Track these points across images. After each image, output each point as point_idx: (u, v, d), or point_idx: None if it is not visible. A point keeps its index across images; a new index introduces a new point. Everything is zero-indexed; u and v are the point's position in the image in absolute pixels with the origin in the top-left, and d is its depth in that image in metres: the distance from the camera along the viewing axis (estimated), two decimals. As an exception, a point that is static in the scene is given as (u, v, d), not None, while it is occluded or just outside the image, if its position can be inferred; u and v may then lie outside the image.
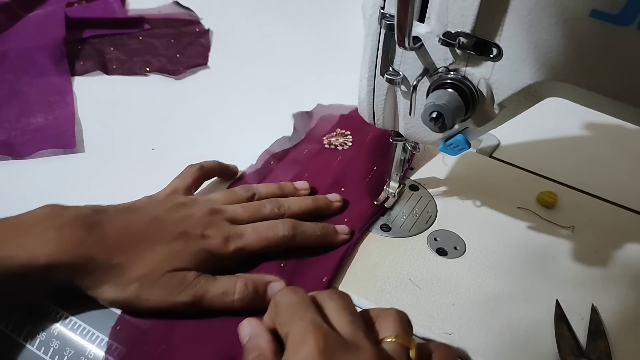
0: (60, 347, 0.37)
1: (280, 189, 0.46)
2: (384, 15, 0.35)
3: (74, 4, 0.73)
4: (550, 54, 0.31)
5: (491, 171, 0.52)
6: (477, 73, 0.34)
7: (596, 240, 0.45)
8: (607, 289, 0.42)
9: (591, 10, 0.28)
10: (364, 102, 0.40)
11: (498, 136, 0.55)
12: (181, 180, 0.44)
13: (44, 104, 0.57)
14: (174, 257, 0.37)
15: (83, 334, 0.37)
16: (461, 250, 0.44)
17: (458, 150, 0.38)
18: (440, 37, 0.33)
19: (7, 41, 0.64)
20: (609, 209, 0.48)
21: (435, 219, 0.46)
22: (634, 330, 0.39)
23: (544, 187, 0.49)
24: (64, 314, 0.38)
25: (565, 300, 0.40)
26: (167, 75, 0.63)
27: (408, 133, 0.41)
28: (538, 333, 0.38)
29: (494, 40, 0.32)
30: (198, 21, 0.73)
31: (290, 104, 0.59)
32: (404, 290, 0.40)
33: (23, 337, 0.38)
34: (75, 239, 0.35)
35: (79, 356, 0.37)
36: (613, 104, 0.31)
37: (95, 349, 0.37)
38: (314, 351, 0.28)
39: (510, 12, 0.31)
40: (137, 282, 0.36)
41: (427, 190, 0.49)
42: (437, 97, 0.34)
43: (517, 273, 0.42)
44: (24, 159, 0.51)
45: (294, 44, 0.70)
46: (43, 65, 0.61)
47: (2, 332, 0.39)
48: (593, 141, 0.56)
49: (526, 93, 0.34)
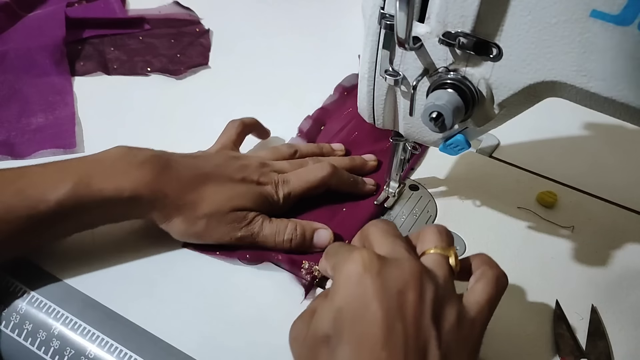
0: (60, 346, 0.37)
1: (319, 149, 0.51)
2: (384, 15, 0.35)
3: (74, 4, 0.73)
4: (550, 54, 0.31)
5: (491, 171, 0.52)
6: (477, 73, 0.34)
7: (596, 240, 0.45)
8: (607, 289, 0.42)
9: (591, 10, 0.28)
10: (364, 102, 0.40)
11: (498, 136, 0.55)
12: (227, 136, 0.49)
13: (44, 104, 0.57)
14: (237, 197, 0.41)
15: (83, 333, 0.37)
16: (461, 250, 0.44)
17: (458, 150, 0.38)
18: (440, 37, 0.33)
19: (7, 41, 0.64)
20: (609, 209, 0.48)
21: (435, 219, 0.46)
22: (634, 330, 0.39)
23: (544, 187, 0.49)
24: (64, 313, 0.38)
25: (565, 300, 0.40)
26: (168, 75, 0.63)
27: (408, 133, 0.41)
28: (538, 333, 0.38)
29: (494, 40, 0.32)
30: (198, 21, 0.73)
31: (291, 103, 0.59)
32: (404, 290, 0.40)
33: (23, 337, 0.38)
34: (153, 176, 0.39)
35: (79, 356, 0.37)
36: (613, 104, 0.31)
37: (95, 348, 0.37)
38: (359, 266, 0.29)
39: (510, 12, 0.31)
40: (206, 218, 0.40)
41: (427, 190, 0.49)
42: (437, 97, 0.34)
43: (517, 273, 0.42)
44: (24, 159, 0.51)
45: (294, 44, 0.70)
46: (43, 65, 0.61)
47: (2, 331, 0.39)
48: (593, 141, 0.56)
49: (526, 93, 0.34)
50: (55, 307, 0.39)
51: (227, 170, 0.43)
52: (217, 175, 0.42)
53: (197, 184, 0.41)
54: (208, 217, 0.40)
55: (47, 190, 0.37)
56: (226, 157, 0.45)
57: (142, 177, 0.39)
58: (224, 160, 0.44)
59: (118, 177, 0.38)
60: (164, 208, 0.40)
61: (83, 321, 0.38)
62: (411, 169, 0.51)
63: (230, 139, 0.48)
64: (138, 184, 0.39)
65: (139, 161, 0.40)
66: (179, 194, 0.40)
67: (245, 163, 0.44)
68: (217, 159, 0.44)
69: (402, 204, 0.48)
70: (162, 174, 0.40)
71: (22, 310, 0.39)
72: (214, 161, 0.44)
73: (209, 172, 0.42)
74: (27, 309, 0.39)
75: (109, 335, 0.37)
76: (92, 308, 0.39)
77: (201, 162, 0.43)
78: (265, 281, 0.41)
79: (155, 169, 0.40)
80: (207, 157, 0.45)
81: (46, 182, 0.37)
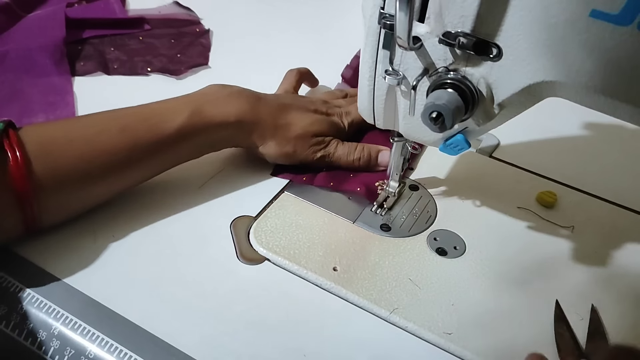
0: (60, 346, 0.37)
1: None
2: (384, 15, 0.35)
3: (74, 4, 0.73)
4: (550, 54, 0.31)
5: (491, 171, 0.52)
6: (477, 73, 0.34)
7: (596, 240, 0.45)
8: (607, 289, 0.42)
9: (591, 10, 0.28)
10: (364, 102, 0.40)
11: (498, 136, 0.55)
12: (288, 82, 0.56)
13: (44, 104, 0.57)
14: (316, 124, 0.49)
15: (83, 333, 0.37)
16: (461, 250, 0.44)
17: (458, 150, 0.38)
18: (440, 37, 0.33)
19: (7, 41, 0.64)
20: (609, 209, 0.48)
21: (435, 219, 0.46)
22: (634, 330, 0.39)
23: (544, 187, 0.49)
24: (64, 313, 0.38)
25: (565, 301, 0.40)
26: (168, 75, 0.63)
27: (408, 133, 0.41)
28: (538, 333, 0.38)
29: (494, 40, 0.32)
30: (198, 21, 0.73)
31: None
32: (404, 290, 0.40)
33: (23, 337, 0.38)
34: (250, 105, 0.47)
35: (79, 356, 0.37)
36: (613, 104, 0.31)
37: (95, 348, 0.37)
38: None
39: (510, 12, 0.31)
40: (294, 140, 0.48)
41: (427, 190, 0.49)
42: (437, 97, 0.34)
43: (516, 273, 0.42)
44: (24, 159, 0.51)
45: (294, 44, 0.70)
46: (43, 65, 0.61)
47: (2, 331, 0.39)
48: (593, 141, 0.56)
49: (526, 93, 0.34)
50: (55, 307, 0.39)
51: (302, 103, 0.51)
52: (297, 106, 0.50)
53: (284, 112, 0.48)
54: (296, 139, 0.48)
55: (168, 119, 0.44)
56: (294, 96, 0.54)
57: (242, 105, 0.46)
58: (293, 97, 0.53)
59: (223, 106, 0.46)
60: (261, 131, 0.47)
61: (83, 321, 0.38)
62: (410, 168, 0.51)
63: (291, 84, 0.56)
64: (240, 111, 0.46)
65: (237, 93, 0.47)
66: (273, 119, 0.47)
67: (312, 99, 0.53)
68: (289, 96, 0.53)
69: (402, 204, 0.48)
70: (257, 104, 0.47)
71: (22, 310, 0.39)
72: (289, 97, 0.53)
73: (290, 104, 0.50)
74: (27, 309, 0.39)
75: (109, 335, 0.37)
76: (92, 308, 0.39)
77: (281, 98, 0.51)
78: (266, 281, 0.41)
79: (251, 99, 0.47)
80: (281, 95, 0.54)
81: (168, 113, 0.44)
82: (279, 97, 0.51)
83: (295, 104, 0.50)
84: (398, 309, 0.39)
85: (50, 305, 0.39)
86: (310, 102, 0.52)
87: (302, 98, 0.54)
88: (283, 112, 0.48)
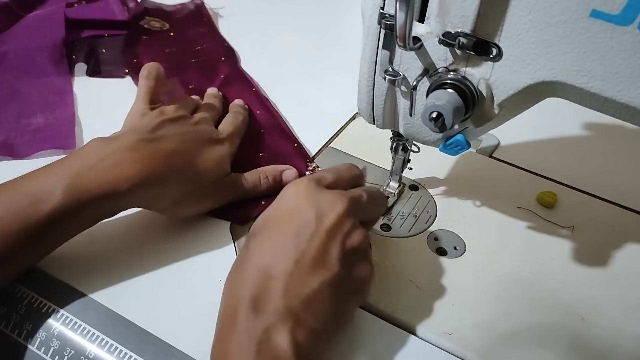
0: (60, 347, 0.37)
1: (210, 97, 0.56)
2: (384, 15, 0.35)
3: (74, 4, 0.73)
4: (550, 54, 0.31)
5: (491, 171, 0.52)
6: (477, 73, 0.34)
7: (596, 240, 0.45)
8: (608, 289, 0.42)
9: (591, 10, 0.28)
10: (364, 102, 0.40)
11: (498, 136, 0.55)
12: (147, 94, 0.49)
13: (43, 104, 0.57)
14: (223, 163, 0.44)
15: (83, 333, 0.37)
16: (461, 250, 0.44)
17: (458, 150, 0.38)
18: (440, 37, 0.33)
19: (7, 41, 0.64)
20: (609, 209, 0.48)
21: (435, 219, 0.46)
22: (634, 330, 0.39)
23: (544, 187, 0.49)
24: (64, 313, 0.38)
25: (565, 301, 0.40)
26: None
27: (408, 133, 0.41)
28: (538, 333, 0.38)
29: (494, 40, 0.32)
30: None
31: (290, 103, 0.59)
32: (404, 290, 0.40)
33: (23, 337, 0.38)
34: (145, 163, 0.39)
35: (79, 356, 0.37)
36: (613, 104, 0.31)
37: (95, 348, 0.37)
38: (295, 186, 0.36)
39: (510, 12, 0.31)
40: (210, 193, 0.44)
41: (427, 190, 0.49)
42: (437, 97, 0.34)
43: (517, 273, 0.42)
44: (23, 159, 0.51)
45: (294, 44, 0.70)
46: (43, 65, 0.61)
47: (2, 331, 0.39)
48: (593, 141, 0.56)
49: (526, 93, 0.34)
50: (55, 307, 0.39)
51: (199, 134, 0.45)
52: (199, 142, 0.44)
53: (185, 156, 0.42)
54: (209, 191, 0.43)
55: (38, 200, 0.36)
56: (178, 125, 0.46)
57: (135, 166, 0.38)
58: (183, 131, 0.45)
59: (109, 172, 0.38)
60: (167, 192, 0.41)
61: (83, 321, 0.38)
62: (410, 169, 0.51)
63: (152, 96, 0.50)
64: (134, 174, 0.38)
65: (125, 149, 0.39)
66: (177, 176, 0.41)
67: (195, 120, 0.47)
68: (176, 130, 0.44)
69: (402, 203, 0.48)
70: (153, 157, 0.40)
71: (21, 310, 0.39)
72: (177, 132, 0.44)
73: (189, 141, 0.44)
74: (27, 309, 0.39)
75: (109, 335, 0.37)
76: (92, 308, 0.39)
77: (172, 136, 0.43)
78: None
79: (143, 155, 0.39)
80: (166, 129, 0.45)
81: (38, 193, 0.36)
82: (172, 137, 0.42)
83: (195, 139, 0.43)
84: (398, 309, 0.39)
85: (50, 306, 0.39)
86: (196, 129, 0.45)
87: (191, 128, 0.45)
88: (183, 157, 0.41)
